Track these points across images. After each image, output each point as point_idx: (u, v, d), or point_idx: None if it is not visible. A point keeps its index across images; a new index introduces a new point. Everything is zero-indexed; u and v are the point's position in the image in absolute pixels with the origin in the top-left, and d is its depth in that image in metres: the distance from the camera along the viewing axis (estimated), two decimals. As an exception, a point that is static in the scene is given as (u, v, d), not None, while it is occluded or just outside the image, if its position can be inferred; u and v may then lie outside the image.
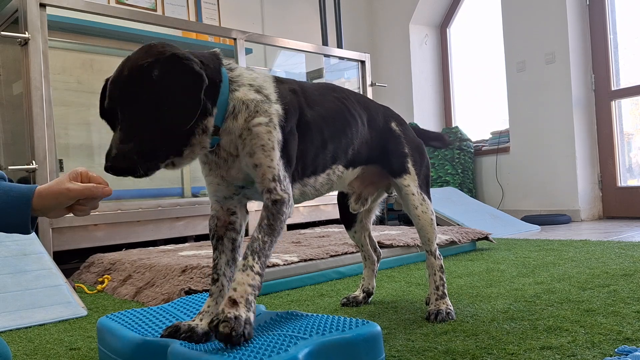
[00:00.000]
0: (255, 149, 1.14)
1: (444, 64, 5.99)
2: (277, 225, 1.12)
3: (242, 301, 1.00)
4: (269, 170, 1.14)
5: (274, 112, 1.17)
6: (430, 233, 1.61)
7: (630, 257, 2.38)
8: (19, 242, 2.09)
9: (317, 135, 1.32)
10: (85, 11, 2.88)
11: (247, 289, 1.02)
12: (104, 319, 1.28)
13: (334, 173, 1.41)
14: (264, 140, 1.14)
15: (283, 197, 1.14)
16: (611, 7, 4.54)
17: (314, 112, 1.32)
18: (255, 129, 1.14)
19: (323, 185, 1.39)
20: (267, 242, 1.10)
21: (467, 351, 1.20)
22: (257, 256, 1.07)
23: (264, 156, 1.14)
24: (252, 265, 1.05)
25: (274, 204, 1.13)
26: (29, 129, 2.63)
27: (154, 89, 1.05)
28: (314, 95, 1.37)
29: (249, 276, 1.04)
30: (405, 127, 1.64)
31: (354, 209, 1.66)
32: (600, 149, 4.62)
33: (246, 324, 0.98)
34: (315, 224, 4.02)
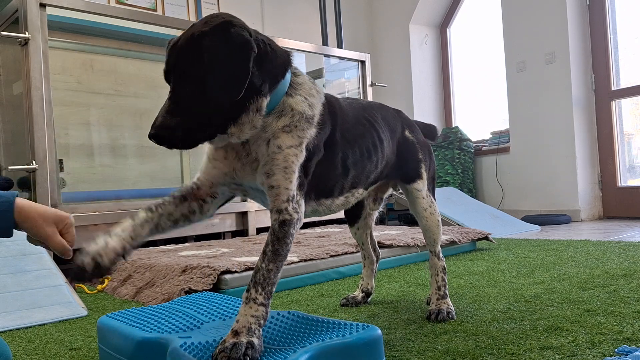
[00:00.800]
0: (276, 170, 1.12)
1: (444, 64, 5.99)
2: (282, 250, 1.10)
3: (243, 331, 1.01)
4: (285, 192, 1.13)
5: (308, 136, 1.17)
6: (436, 234, 1.62)
7: (631, 257, 2.38)
8: (19, 242, 2.09)
9: (341, 161, 1.31)
10: (85, 11, 2.88)
11: (250, 319, 1.03)
12: (105, 317, 1.28)
13: (352, 195, 1.41)
14: (287, 163, 1.13)
15: (292, 218, 1.12)
16: (611, 7, 4.53)
17: (344, 137, 1.31)
18: (286, 151, 1.13)
19: (339, 206, 1.39)
20: (272, 270, 1.08)
21: (467, 351, 1.20)
22: (260, 287, 1.06)
23: (284, 178, 1.12)
24: (255, 297, 1.05)
25: (281, 226, 1.11)
26: (29, 129, 2.63)
27: (203, 58, 1.03)
28: (348, 118, 1.36)
29: (251, 308, 1.04)
30: (416, 132, 1.65)
31: (373, 209, 1.72)
32: (600, 149, 4.62)
33: (247, 349, 0.97)
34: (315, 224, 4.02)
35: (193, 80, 1.05)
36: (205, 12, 4.80)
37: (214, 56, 1.03)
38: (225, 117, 1.08)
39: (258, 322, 1.03)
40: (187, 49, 1.05)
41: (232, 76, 1.04)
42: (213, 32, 1.05)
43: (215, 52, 1.04)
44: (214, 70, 1.03)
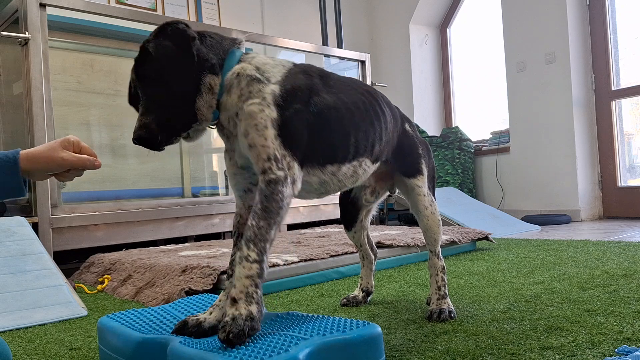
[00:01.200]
0: (249, 129, 1.13)
1: (444, 64, 5.99)
2: (272, 207, 1.07)
3: (241, 297, 0.99)
4: (263, 149, 1.11)
5: (269, 91, 1.16)
6: (437, 234, 1.62)
7: (631, 257, 2.38)
8: (19, 242, 2.09)
9: (341, 124, 1.29)
10: (85, 11, 2.88)
11: (245, 282, 1.01)
12: (105, 318, 1.28)
13: (360, 166, 1.37)
14: (256, 119, 1.13)
15: (278, 176, 1.10)
16: (611, 7, 4.54)
17: (338, 98, 1.30)
18: (248, 108, 1.14)
19: (347, 177, 1.34)
20: (262, 227, 1.05)
21: (467, 351, 1.20)
22: (252, 244, 1.04)
23: (257, 135, 1.12)
24: (247, 254, 1.03)
25: (267, 185, 1.09)
26: (29, 129, 2.63)
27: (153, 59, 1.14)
28: (339, 84, 1.35)
29: (245, 268, 1.02)
30: (414, 128, 1.66)
31: (368, 201, 1.68)
32: (601, 149, 4.62)
33: (246, 321, 0.97)
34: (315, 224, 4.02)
35: (153, 82, 1.15)
36: (205, 12, 4.80)
37: (161, 53, 1.13)
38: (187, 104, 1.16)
39: (254, 283, 1.01)
40: (140, 59, 1.16)
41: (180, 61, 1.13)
42: (155, 35, 1.17)
43: (160, 47, 1.14)
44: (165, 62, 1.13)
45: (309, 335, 1.02)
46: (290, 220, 3.72)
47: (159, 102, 1.14)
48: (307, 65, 1.32)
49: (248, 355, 0.93)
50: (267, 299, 1.98)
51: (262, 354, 0.92)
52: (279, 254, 2.35)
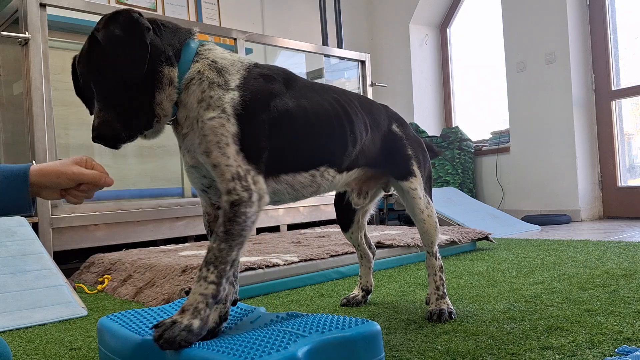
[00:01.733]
0: (211, 147, 1.09)
1: (444, 64, 5.99)
2: (234, 229, 1.06)
3: (189, 309, 1.02)
4: (227, 169, 1.08)
5: (228, 100, 1.12)
6: (433, 236, 1.60)
7: (631, 257, 2.38)
8: (19, 242, 2.09)
9: (299, 127, 1.24)
10: (85, 11, 2.88)
11: (198, 297, 1.03)
12: (105, 319, 1.28)
13: (321, 176, 1.32)
14: (217, 136, 1.09)
15: (241, 197, 1.07)
16: (611, 7, 4.54)
17: (299, 103, 1.25)
18: (209, 123, 1.10)
19: (304, 186, 1.29)
20: (223, 249, 1.05)
21: (467, 351, 1.20)
22: (212, 266, 1.05)
23: (220, 154, 1.08)
24: (206, 275, 1.05)
25: (231, 206, 1.07)
26: (29, 129, 2.63)
27: (103, 50, 1.07)
28: (304, 89, 1.30)
29: (201, 286, 1.04)
30: (405, 128, 1.60)
31: (357, 204, 1.62)
32: (601, 149, 4.62)
33: (183, 331, 0.99)
34: (315, 224, 4.02)
35: (106, 74, 1.08)
36: (205, 12, 4.80)
37: (112, 42, 1.07)
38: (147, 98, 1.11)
39: (206, 301, 1.03)
40: (90, 49, 1.09)
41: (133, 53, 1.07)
42: (105, 23, 1.09)
43: (110, 36, 1.07)
44: (116, 52, 1.07)
45: (307, 332, 1.02)
46: (290, 220, 3.72)
47: (117, 97, 1.09)
48: (270, 67, 1.26)
49: (247, 352, 0.93)
50: (267, 298, 1.98)
51: (261, 352, 0.92)
52: (279, 254, 2.35)
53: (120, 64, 1.07)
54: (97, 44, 1.08)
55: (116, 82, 1.08)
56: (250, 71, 1.20)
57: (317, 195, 1.38)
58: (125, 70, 1.07)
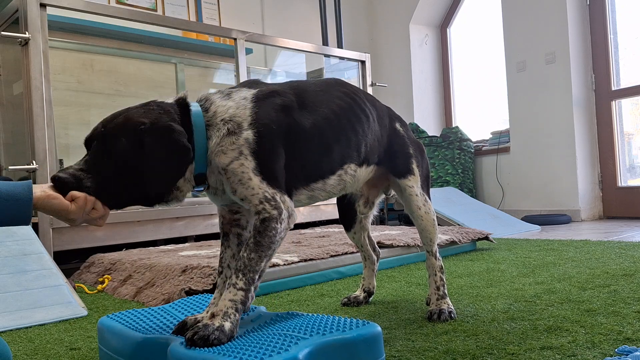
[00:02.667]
0: (235, 186, 1.16)
1: (444, 64, 5.99)
2: (264, 241, 1.13)
3: (219, 314, 1.06)
4: (254, 197, 1.15)
5: (242, 142, 1.15)
6: (432, 234, 1.61)
7: (631, 257, 2.38)
8: (19, 242, 2.09)
9: (321, 141, 1.30)
10: (85, 11, 2.88)
11: (227, 303, 1.08)
12: (105, 318, 1.28)
13: (346, 173, 1.39)
14: (238, 175, 1.15)
15: (272, 215, 1.14)
16: (611, 7, 4.53)
17: (315, 116, 1.30)
18: (229, 167, 1.15)
19: (334, 186, 1.38)
20: (253, 259, 1.12)
21: (467, 351, 1.20)
22: (240, 274, 1.11)
23: (244, 189, 1.15)
24: (235, 282, 1.10)
25: (262, 222, 1.14)
26: (29, 129, 2.63)
27: (142, 151, 1.08)
28: (317, 97, 1.33)
29: (230, 293, 1.09)
30: (406, 128, 1.64)
31: (363, 213, 1.68)
32: (601, 149, 4.62)
33: (216, 331, 1.02)
34: (316, 224, 4.02)
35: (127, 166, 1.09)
36: (205, 12, 4.80)
37: (151, 156, 1.08)
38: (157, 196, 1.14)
39: (235, 307, 1.08)
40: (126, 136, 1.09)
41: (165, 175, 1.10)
42: (154, 130, 1.09)
43: (152, 152, 1.08)
44: (148, 166, 1.08)
45: (308, 334, 1.02)
46: (290, 220, 3.71)
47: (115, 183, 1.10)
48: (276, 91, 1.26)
49: (248, 354, 0.93)
50: (267, 298, 1.98)
51: (262, 354, 0.92)
52: (279, 254, 2.35)
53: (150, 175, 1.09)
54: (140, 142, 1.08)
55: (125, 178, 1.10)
56: (258, 102, 1.21)
57: (345, 191, 1.47)
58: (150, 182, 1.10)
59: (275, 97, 1.24)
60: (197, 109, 1.18)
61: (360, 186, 1.55)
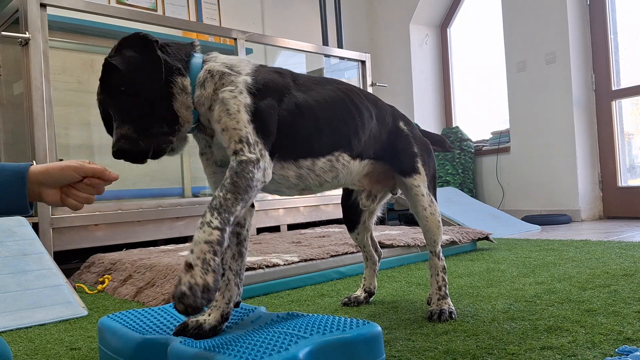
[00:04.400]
0: (222, 114, 1.14)
1: (444, 64, 5.99)
2: (241, 183, 1.06)
3: (197, 263, 0.95)
4: (235, 132, 1.12)
5: (241, 81, 1.18)
6: (436, 235, 1.61)
7: (631, 257, 2.38)
8: (19, 242, 2.09)
9: (310, 117, 1.30)
10: (86, 11, 2.88)
11: (204, 247, 0.96)
12: (105, 318, 1.28)
13: (337, 160, 1.37)
14: (229, 104, 1.14)
15: (250, 158, 1.09)
16: (611, 7, 4.53)
17: (307, 95, 1.32)
18: (222, 94, 1.16)
19: (325, 171, 1.35)
20: (229, 199, 1.03)
21: (467, 351, 1.20)
22: (215, 212, 1.01)
23: (230, 119, 1.13)
24: (210, 220, 0.99)
25: (239, 164, 1.09)
26: (29, 129, 2.63)
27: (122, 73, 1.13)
28: (309, 83, 1.37)
29: (205, 232, 0.98)
30: (412, 127, 1.63)
31: (365, 205, 1.64)
32: (601, 149, 4.62)
33: (203, 293, 0.93)
34: (316, 224, 4.02)
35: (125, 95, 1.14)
36: (205, 12, 4.80)
37: (127, 62, 1.14)
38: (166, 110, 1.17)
39: (213, 250, 0.96)
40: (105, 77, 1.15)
41: (150, 67, 1.14)
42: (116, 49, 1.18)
43: (126, 59, 1.14)
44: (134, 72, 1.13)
45: (308, 334, 1.02)
46: (290, 220, 3.72)
47: (135, 112, 1.14)
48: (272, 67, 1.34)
49: (248, 353, 0.93)
50: (267, 298, 1.98)
51: (262, 353, 0.92)
52: (279, 254, 2.35)
53: (140, 80, 1.13)
54: (114, 70, 1.13)
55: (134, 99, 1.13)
56: (258, 67, 1.27)
57: (338, 182, 1.44)
58: (143, 85, 1.14)
59: (276, 69, 1.32)
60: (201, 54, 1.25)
61: (356, 180, 1.54)
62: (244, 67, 1.23)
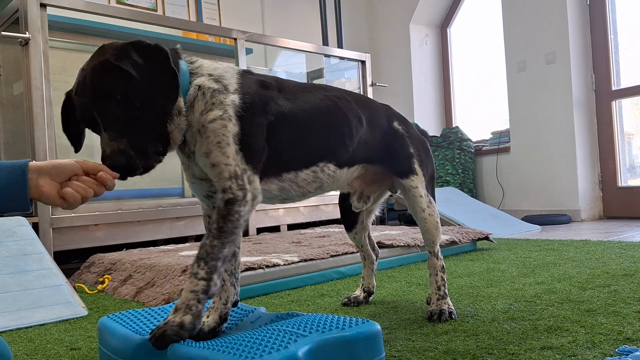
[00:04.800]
0: (212, 148, 1.12)
1: (444, 64, 5.99)
2: (227, 227, 1.09)
3: (182, 307, 1.05)
4: (225, 168, 1.11)
5: (230, 103, 1.15)
6: (435, 236, 1.60)
7: (631, 257, 2.38)
8: (19, 242, 2.09)
9: (295, 129, 1.28)
10: (86, 11, 2.88)
11: (189, 295, 1.05)
12: (105, 319, 1.28)
13: (322, 171, 1.36)
14: (219, 136, 1.12)
15: (236, 196, 1.10)
16: (611, 7, 4.53)
17: (293, 105, 1.29)
18: (210, 125, 1.12)
19: (308, 182, 1.34)
20: (215, 246, 1.08)
21: (467, 351, 1.20)
22: (202, 262, 1.07)
23: (221, 154, 1.11)
24: (197, 272, 1.06)
25: (225, 205, 1.10)
26: (29, 129, 2.63)
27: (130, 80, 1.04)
28: (296, 91, 1.33)
29: (192, 283, 1.06)
30: (408, 126, 1.61)
31: (357, 208, 1.63)
32: (601, 149, 4.62)
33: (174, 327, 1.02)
34: (316, 224, 4.02)
35: (126, 103, 1.05)
36: (205, 12, 4.80)
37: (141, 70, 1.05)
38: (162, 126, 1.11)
39: (197, 298, 1.05)
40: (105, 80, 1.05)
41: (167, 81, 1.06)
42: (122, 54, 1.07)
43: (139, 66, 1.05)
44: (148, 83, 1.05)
45: (308, 332, 1.02)
46: (290, 220, 3.72)
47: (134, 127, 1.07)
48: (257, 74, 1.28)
49: (247, 352, 0.93)
50: (267, 298, 1.98)
51: (262, 351, 0.92)
52: (279, 254, 2.35)
53: (153, 93, 1.06)
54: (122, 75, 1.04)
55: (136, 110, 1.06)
56: (244, 76, 1.22)
57: (322, 191, 1.42)
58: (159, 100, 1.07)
59: (256, 76, 1.27)
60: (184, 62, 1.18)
61: (344, 184, 1.53)
62: (231, 80, 1.19)
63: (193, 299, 1.05)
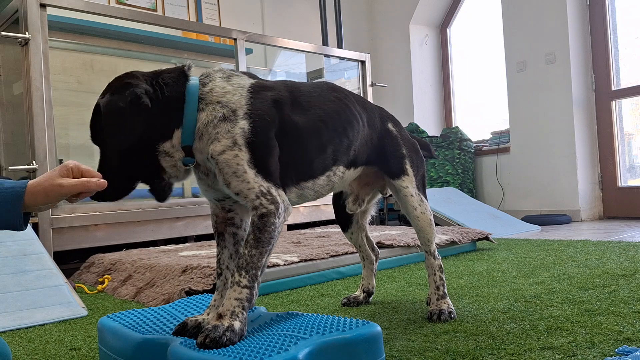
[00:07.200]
0: (229, 179, 1.14)
1: (444, 64, 5.99)
2: (264, 237, 1.12)
3: (227, 314, 1.06)
4: (250, 191, 1.14)
5: (238, 131, 1.14)
6: (429, 234, 1.61)
7: (631, 257, 2.38)
8: (19, 242, 2.09)
9: (313, 140, 1.30)
10: (85, 11, 2.88)
11: (233, 302, 1.08)
12: (105, 319, 1.28)
13: (334, 174, 1.39)
14: (232, 167, 1.13)
15: (269, 210, 1.13)
16: (611, 7, 4.54)
17: (307, 118, 1.30)
18: (221, 157, 1.14)
19: (323, 187, 1.38)
20: (254, 255, 1.11)
21: (467, 351, 1.20)
22: (243, 271, 1.10)
23: (239, 182, 1.14)
24: (239, 280, 1.10)
25: (260, 218, 1.13)
26: (29, 129, 2.63)
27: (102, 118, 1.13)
28: (311, 98, 1.34)
29: (235, 291, 1.09)
30: (400, 128, 1.63)
31: (351, 210, 1.66)
32: (601, 149, 4.62)
33: (226, 331, 1.02)
34: (316, 224, 4.02)
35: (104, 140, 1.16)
36: (205, 12, 4.80)
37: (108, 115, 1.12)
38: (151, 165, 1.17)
39: (242, 305, 1.08)
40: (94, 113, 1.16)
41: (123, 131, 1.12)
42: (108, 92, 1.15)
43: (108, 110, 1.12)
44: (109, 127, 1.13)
45: (308, 334, 1.02)
46: (290, 221, 3.71)
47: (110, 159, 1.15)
48: (271, 86, 1.27)
49: (248, 354, 0.93)
50: (267, 299, 1.98)
51: (262, 354, 0.92)
52: (279, 254, 2.35)
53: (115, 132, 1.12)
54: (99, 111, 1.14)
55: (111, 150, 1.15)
56: (254, 93, 1.21)
57: (333, 191, 1.47)
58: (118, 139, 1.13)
59: (269, 91, 1.25)
60: (195, 82, 1.19)
61: (347, 184, 1.55)
62: (240, 102, 1.17)
63: (238, 306, 1.07)
